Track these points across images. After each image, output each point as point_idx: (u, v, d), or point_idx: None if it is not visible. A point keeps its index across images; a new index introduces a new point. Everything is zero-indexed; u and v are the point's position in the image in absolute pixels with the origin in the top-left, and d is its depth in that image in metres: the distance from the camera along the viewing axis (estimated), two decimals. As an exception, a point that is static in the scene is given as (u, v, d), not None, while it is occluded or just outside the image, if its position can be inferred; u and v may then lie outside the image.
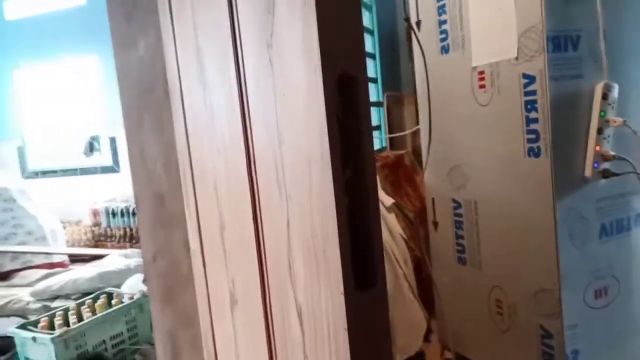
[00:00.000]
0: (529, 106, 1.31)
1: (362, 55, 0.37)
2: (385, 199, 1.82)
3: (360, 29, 0.38)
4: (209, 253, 0.90)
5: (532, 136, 1.32)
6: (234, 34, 0.54)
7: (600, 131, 1.29)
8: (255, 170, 0.54)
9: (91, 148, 4.12)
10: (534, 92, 1.30)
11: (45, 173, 4.31)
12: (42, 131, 4.25)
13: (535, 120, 1.30)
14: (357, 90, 0.35)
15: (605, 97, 1.28)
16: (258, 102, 0.48)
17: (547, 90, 1.26)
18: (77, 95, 4.08)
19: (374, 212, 0.37)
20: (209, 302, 0.97)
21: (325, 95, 0.34)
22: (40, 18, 3.96)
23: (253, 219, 0.58)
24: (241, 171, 0.60)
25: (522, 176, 1.37)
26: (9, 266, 2.82)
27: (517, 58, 1.33)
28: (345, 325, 0.36)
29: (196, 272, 0.99)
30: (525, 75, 1.31)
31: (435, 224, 1.77)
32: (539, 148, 1.31)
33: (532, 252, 1.38)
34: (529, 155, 1.34)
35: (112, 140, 3.94)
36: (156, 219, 1.10)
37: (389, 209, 1.78)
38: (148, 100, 1.07)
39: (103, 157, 4.04)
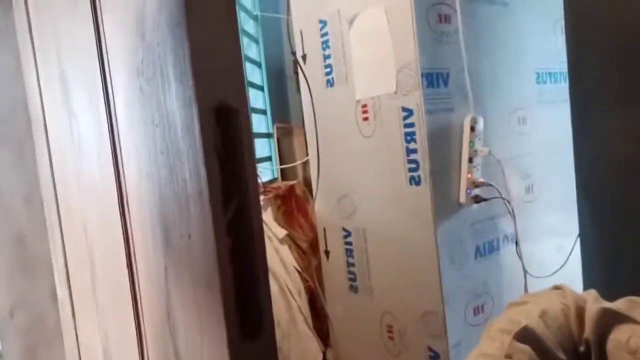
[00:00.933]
0: (408, 137, 1.40)
1: (242, 85, 0.35)
2: (278, 230, 1.80)
3: (239, 57, 0.36)
4: (79, 302, 0.80)
5: (413, 165, 1.40)
6: (102, 59, 0.49)
7: (470, 160, 1.42)
8: (129, 210, 0.48)
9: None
10: (412, 125, 1.38)
11: None
12: None
13: (415, 151, 1.39)
14: (238, 122, 0.33)
15: (473, 129, 1.41)
16: (129, 134, 0.43)
17: (423, 122, 1.35)
18: None
19: (260, 253, 0.34)
20: (79, 356, 0.85)
21: (201, 128, 0.31)
22: None
23: (127, 265, 0.52)
24: (113, 211, 0.53)
25: (406, 204, 1.45)
26: None
27: (396, 92, 1.41)
28: (230, 382, 0.32)
29: (65, 325, 0.87)
30: (404, 109, 1.40)
31: (327, 253, 1.79)
32: (419, 177, 1.39)
33: (417, 276, 1.45)
34: (411, 183, 1.41)
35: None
36: (15, 264, 0.95)
37: (281, 241, 1.76)
38: (6, 131, 0.94)
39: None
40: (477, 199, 1.43)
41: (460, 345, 1.42)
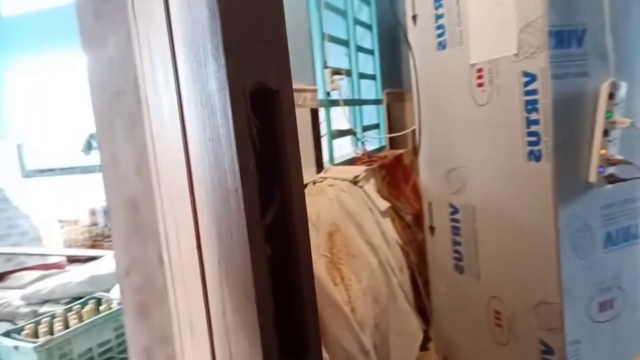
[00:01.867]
0: (529, 107, 1.23)
1: (286, 62, 0.30)
2: (381, 202, 1.74)
3: (282, 28, 0.30)
4: (175, 270, 0.83)
5: (533, 139, 1.24)
6: (171, 34, 0.46)
7: (606, 133, 1.20)
8: (194, 193, 0.46)
9: (89, 146, 4.06)
10: (534, 92, 1.21)
11: (44, 172, 4.28)
12: (41, 129, 4.20)
13: (536, 122, 1.22)
14: (279, 108, 0.28)
15: (611, 96, 1.19)
16: (190, 114, 0.40)
17: (549, 89, 1.17)
18: (74, 92, 4.04)
19: (305, 264, 0.29)
20: (179, 321, 0.90)
21: (234, 114, 0.27)
22: (37, 14, 3.90)
23: (197, 247, 0.51)
24: (185, 191, 0.52)
25: (523, 181, 1.29)
26: (2, 268, 2.78)
27: (517, 55, 1.24)
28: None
29: (169, 288, 0.92)
30: (525, 74, 1.22)
31: (432, 229, 1.69)
32: (539, 151, 1.22)
33: (532, 262, 1.30)
34: (530, 159, 1.25)
35: (110, 139, 3.90)
36: (130, 228, 1.03)
37: (383, 214, 1.70)
38: (119, 103, 1.00)
39: (101, 155, 4.00)
40: (612, 179, 1.22)
41: (581, 342, 1.26)
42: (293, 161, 0.30)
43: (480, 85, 1.38)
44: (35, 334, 1.77)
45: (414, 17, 1.63)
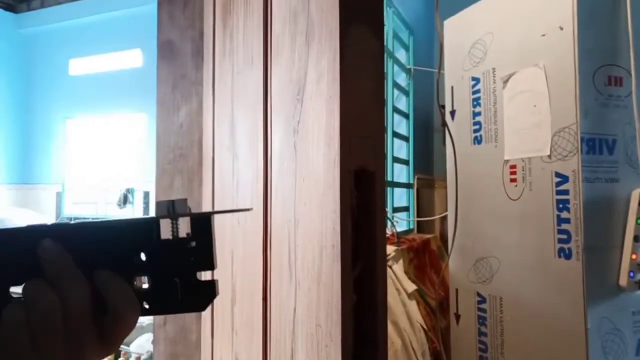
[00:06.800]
0: (560, 205, 1.28)
1: (382, 151, 0.38)
2: (408, 284, 1.76)
3: (382, 125, 0.38)
4: (218, 324, 0.88)
5: (564, 236, 1.28)
6: (266, 115, 0.56)
7: (637, 239, 1.24)
8: (270, 249, 0.53)
9: (125, 200, 4.23)
10: (566, 192, 1.27)
11: (78, 220, 4.41)
12: (82, 180, 4.42)
13: (567, 221, 1.27)
14: (374, 186, 0.35)
15: (642, 204, 1.24)
16: (280, 182, 0.48)
17: (580, 191, 1.23)
18: (119, 149, 4.28)
19: (382, 313, 0.35)
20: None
21: (341, 188, 0.34)
22: (100, 75, 4.26)
23: (262, 299, 0.57)
24: (257, 247, 0.59)
25: (552, 277, 1.31)
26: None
27: (549, 156, 1.32)
28: None
29: (204, 341, 0.96)
30: (557, 174, 1.30)
31: (458, 316, 1.70)
32: (569, 250, 1.26)
33: (560, 361, 1.29)
34: (560, 256, 1.29)
35: (146, 195, 4.06)
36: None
37: (410, 296, 1.72)
38: (181, 164, 1.11)
39: (135, 210, 4.14)
40: (643, 285, 1.24)
41: None
42: (380, 226, 0.36)
43: (513, 180, 1.45)
44: (53, 379, 1.78)
45: (452, 112, 1.75)
